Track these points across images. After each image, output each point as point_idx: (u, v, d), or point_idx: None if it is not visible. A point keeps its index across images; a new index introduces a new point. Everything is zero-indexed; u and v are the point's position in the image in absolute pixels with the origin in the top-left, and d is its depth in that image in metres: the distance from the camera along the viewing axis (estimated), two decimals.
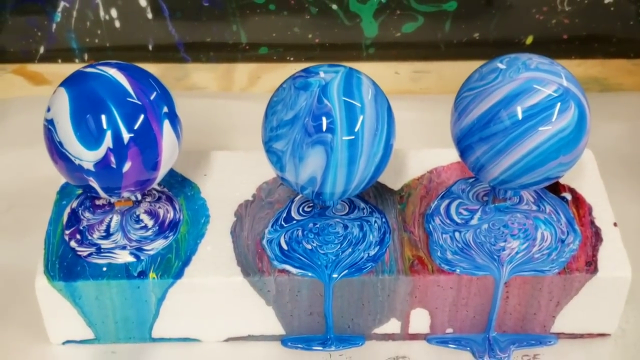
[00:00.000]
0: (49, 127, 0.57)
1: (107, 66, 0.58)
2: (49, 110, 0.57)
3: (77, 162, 0.56)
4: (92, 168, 0.56)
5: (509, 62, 0.58)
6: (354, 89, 0.57)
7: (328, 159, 0.56)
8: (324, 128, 0.56)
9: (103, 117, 0.56)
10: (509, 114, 0.56)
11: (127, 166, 0.57)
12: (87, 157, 0.56)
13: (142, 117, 0.57)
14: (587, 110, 0.58)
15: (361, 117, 0.57)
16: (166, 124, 0.58)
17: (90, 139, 0.56)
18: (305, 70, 0.59)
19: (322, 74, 0.58)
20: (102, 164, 0.56)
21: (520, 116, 0.56)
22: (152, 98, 0.58)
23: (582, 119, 0.57)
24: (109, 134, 0.56)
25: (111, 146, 0.56)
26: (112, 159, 0.56)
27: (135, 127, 0.57)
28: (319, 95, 0.57)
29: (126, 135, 0.56)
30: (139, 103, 0.57)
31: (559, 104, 0.56)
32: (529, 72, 0.57)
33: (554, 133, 0.56)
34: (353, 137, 0.57)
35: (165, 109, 0.58)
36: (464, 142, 0.59)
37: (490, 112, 0.57)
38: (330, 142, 0.56)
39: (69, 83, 0.58)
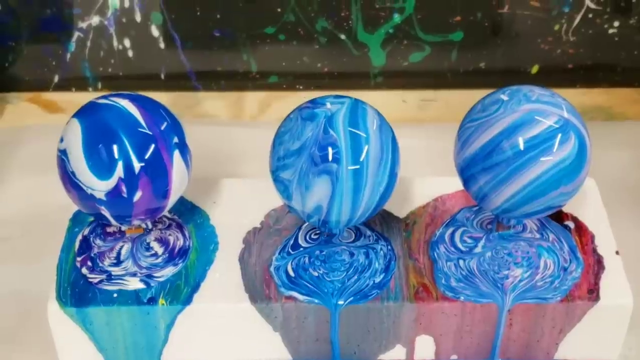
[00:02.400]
0: (62, 157, 0.58)
1: (119, 97, 0.60)
2: (62, 140, 0.59)
3: (89, 191, 0.58)
4: (103, 197, 0.58)
5: (510, 94, 0.60)
6: (359, 119, 0.59)
7: (334, 188, 0.58)
8: (330, 158, 0.57)
9: (115, 147, 0.57)
10: (510, 144, 0.58)
11: (137, 195, 0.58)
12: (99, 187, 0.58)
13: (152, 147, 0.58)
14: (588, 141, 0.59)
15: (366, 147, 0.58)
16: (176, 154, 0.59)
17: (102, 169, 0.57)
18: (311, 101, 0.60)
19: (328, 105, 0.59)
20: (114, 193, 0.58)
21: (521, 147, 0.57)
22: (162, 128, 0.59)
23: (583, 150, 0.58)
24: (120, 164, 0.57)
25: (122, 176, 0.57)
26: (124, 188, 0.58)
27: (146, 157, 0.58)
28: (325, 126, 0.58)
29: (137, 165, 0.58)
30: (150, 133, 0.58)
31: (559, 135, 0.58)
32: (530, 103, 0.58)
33: (555, 163, 0.57)
34: (358, 166, 0.58)
35: (176, 139, 0.60)
36: (467, 172, 0.60)
37: (493, 143, 0.58)
38: (336, 172, 0.57)
39: (81, 114, 0.59)
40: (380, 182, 0.59)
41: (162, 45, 0.88)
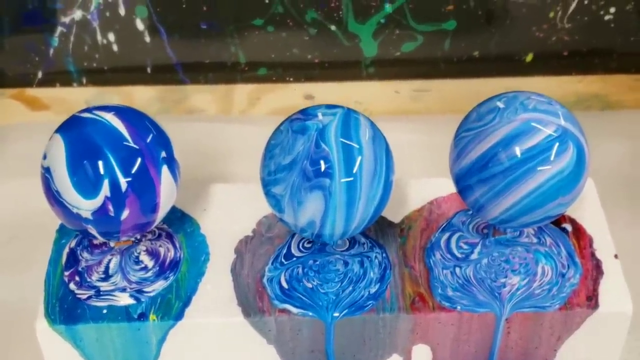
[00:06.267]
0: (46, 175, 0.57)
1: (103, 111, 0.58)
2: (45, 157, 0.57)
3: (74, 210, 0.56)
4: (90, 216, 0.56)
5: (507, 102, 0.58)
6: (351, 130, 0.57)
7: (326, 203, 0.56)
8: (322, 172, 0.56)
9: (100, 164, 0.55)
10: (507, 155, 0.56)
11: (125, 213, 0.56)
12: (85, 206, 0.56)
13: (139, 161, 0.57)
14: (586, 150, 0.58)
15: (359, 159, 0.56)
16: (164, 169, 0.58)
17: (88, 187, 0.55)
18: (302, 111, 0.58)
19: (319, 116, 0.57)
20: (100, 212, 0.56)
21: (519, 157, 0.56)
22: (148, 141, 0.57)
23: (581, 159, 0.57)
24: (106, 183, 0.55)
25: (109, 194, 0.56)
26: (110, 207, 0.56)
27: (133, 172, 0.56)
28: (317, 140, 0.56)
29: (123, 182, 0.56)
30: (136, 147, 0.57)
31: (557, 145, 0.56)
32: (527, 112, 0.57)
33: (553, 174, 0.56)
34: (351, 178, 0.56)
35: (163, 154, 0.58)
36: (463, 182, 0.59)
37: (489, 154, 0.57)
38: (329, 187, 0.56)
39: (64, 129, 0.57)
40: (374, 195, 0.57)
41: (147, 38, 0.86)
